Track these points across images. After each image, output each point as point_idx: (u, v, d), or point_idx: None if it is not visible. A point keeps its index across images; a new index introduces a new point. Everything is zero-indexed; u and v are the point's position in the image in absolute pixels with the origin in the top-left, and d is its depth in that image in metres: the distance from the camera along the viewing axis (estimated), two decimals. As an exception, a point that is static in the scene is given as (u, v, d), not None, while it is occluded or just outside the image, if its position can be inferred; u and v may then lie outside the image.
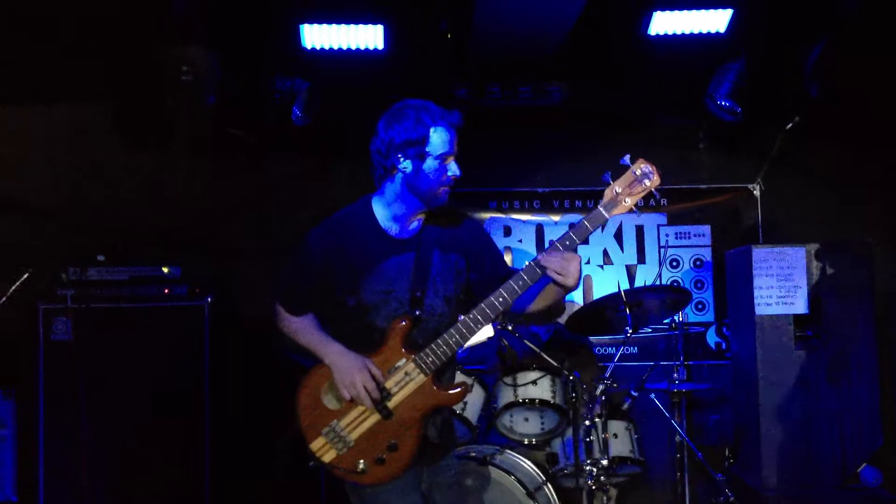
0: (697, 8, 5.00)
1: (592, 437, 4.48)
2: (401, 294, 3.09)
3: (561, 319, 5.38)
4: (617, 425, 4.78)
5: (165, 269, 5.34)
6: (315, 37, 5.12)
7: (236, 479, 5.49)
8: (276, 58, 5.32)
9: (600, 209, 2.98)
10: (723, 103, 5.37)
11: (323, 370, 3.12)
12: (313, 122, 5.48)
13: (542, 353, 4.66)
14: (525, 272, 2.98)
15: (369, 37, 5.13)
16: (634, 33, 5.10)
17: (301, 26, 5.05)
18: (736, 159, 6.23)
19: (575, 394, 4.51)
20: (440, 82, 5.69)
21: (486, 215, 6.14)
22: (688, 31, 5.11)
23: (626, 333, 4.66)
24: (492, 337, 5.25)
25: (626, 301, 4.60)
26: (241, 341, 5.56)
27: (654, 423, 5.38)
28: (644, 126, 6.08)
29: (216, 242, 5.99)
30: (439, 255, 3.15)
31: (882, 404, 5.43)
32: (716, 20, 5.07)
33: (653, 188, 2.98)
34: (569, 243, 2.97)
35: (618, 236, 6.14)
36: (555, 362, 4.63)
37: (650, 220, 6.17)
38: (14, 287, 4.59)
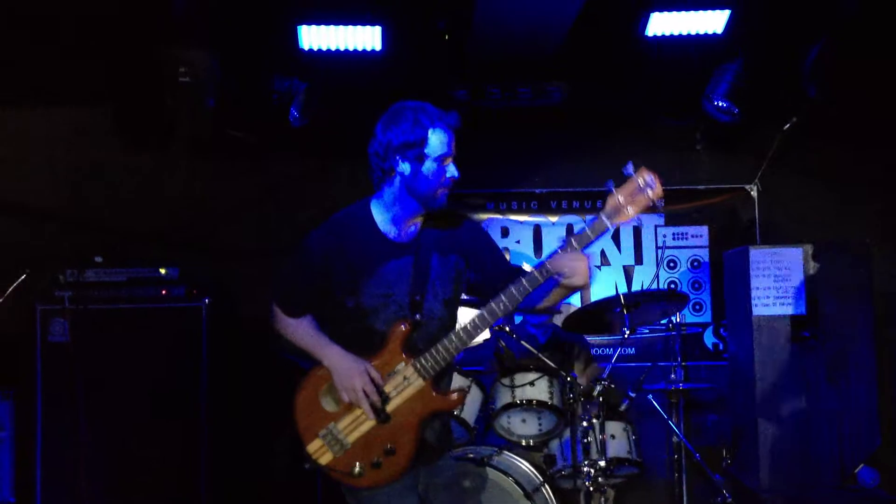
0: (695, 9, 4.99)
1: (590, 438, 4.47)
2: (400, 298, 3.07)
3: (558, 321, 5.38)
4: (615, 426, 4.76)
5: (163, 271, 5.34)
6: (313, 38, 5.11)
7: (234, 480, 5.50)
8: (274, 59, 5.32)
9: (603, 218, 2.94)
10: (720, 104, 5.37)
11: (321, 372, 3.10)
12: (313, 122, 5.47)
13: (539, 354, 4.66)
14: (527, 278, 2.96)
15: (367, 38, 5.12)
16: (632, 34, 5.10)
17: (298, 27, 5.04)
18: (734, 160, 6.23)
19: (572, 395, 4.50)
20: (439, 83, 5.69)
21: (484, 216, 6.14)
22: (685, 32, 5.11)
23: (623, 334, 4.67)
24: (488, 339, 5.25)
25: (624, 304, 4.60)
26: (240, 342, 5.56)
27: (651, 424, 5.38)
28: (642, 127, 6.09)
29: (216, 243, 6.00)
30: (438, 258, 3.14)
31: (880, 405, 5.44)
32: (713, 21, 5.06)
33: (655, 199, 2.97)
34: (570, 250, 2.97)
35: (615, 237, 6.14)
36: (552, 363, 4.63)
37: (648, 221, 6.16)
38: (11, 288, 4.58)
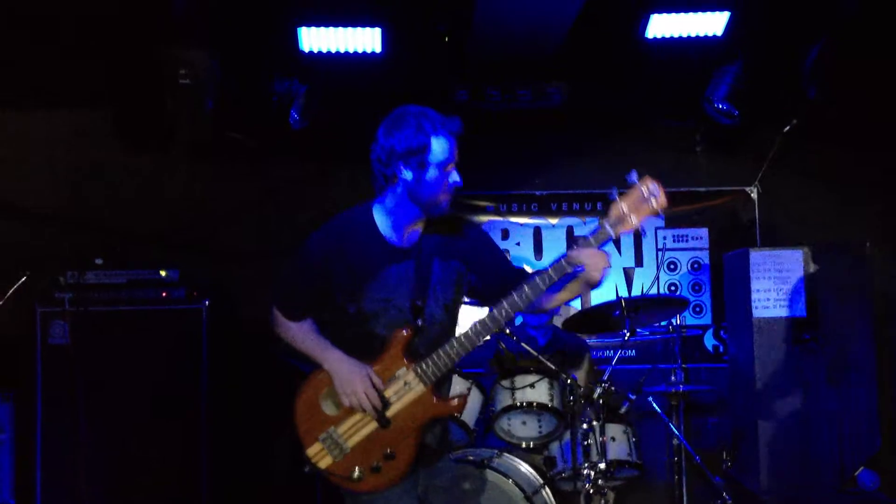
0: (694, 10, 4.99)
1: (590, 441, 4.47)
2: (401, 303, 3.06)
3: (557, 322, 5.37)
4: (615, 428, 4.76)
5: (163, 273, 5.34)
6: (313, 40, 5.11)
7: (234, 482, 5.50)
8: (274, 61, 5.31)
9: (606, 227, 2.96)
10: (720, 106, 5.37)
11: (322, 376, 3.09)
12: (313, 125, 5.47)
13: (539, 356, 4.65)
14: (529, 286, 2.95)
15: (367, 40, 5.12)
16: (632, 36, 5.09)
17: (298, 29, 5.04)
18: (733, 162, 6.23)
19: (573, 397, 4.50)
20: (439, 85, 5.69)
21: (485, 218, 6.13)
22: (685, 34, 5.11)
23: (623, 337, 4.67)
24: (488, 340, 5.24)
25: (624, 308, 4.61)
26: (240, 343, 5.56)
27: (651, 427, 5.39)
28: (642, 129, 6.09)
29: (216, 245, 6.00)
30: (439, 262, 3.13)
31: (880, 406, 5.43)
32: (713, 23, 5.06)
33: (659, 209, 2.97)
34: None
35: (615, 239, 6.11)
36: (552, 365, 4.63)
37: (647, 223, 6.14)
38: (11, 290, 4.58)
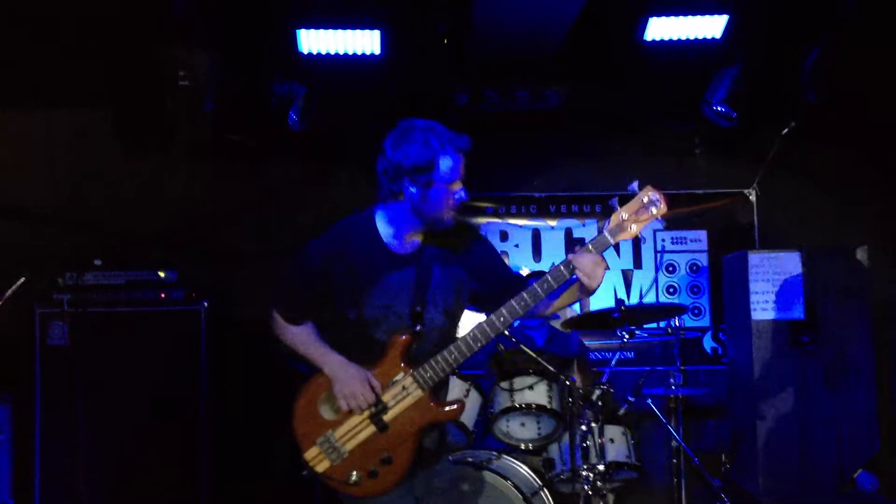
0: (693, 13, 4.98)
1: (589, 443, 4.48)
2: (401, 309, 3.07)
3: (556, 323, 5.38)
4: (613, 430, 4.77)
5: (162, 274, 5.34)
6: (312, 42, 5.10)
7: (233, 483, 5.50)
8: (274, 62, 5.31)
9: (606, 234, 2.99)
10: (719, 109, 5.37)
11: (321, 380, 3.10)
12: (312, 126, 5.46)
13: (538, 357, 4.66)
14: (528, 293, 2.97)
15: (366, 42, 5.10)
16: (631, 38, 5.09)
17: (298, 31, 5.04)
18: (732, 164, 6.23)
19: (571, 399, 4.50)
20: (438, 86, 5.68)
21: (483, 220, 6.13)
22: (684, 37, 5.09)
23: (621, 339, 4.67)
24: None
25: (623, 313, 4.62)
26: (239, 344, 5.56)
27: (650, 429, 5.39)
28: (641, 131, 6.09)
29: (216, 245, 6.00)
30: (440, 269, 3.14)
31: (879, 409, 5.44)
32: (711, 26, 5.05)
33: (659, 216, 3.00)
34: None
35: (614, 246, 6.13)
36: (551, 367, 4.63)
37: (646, 226, 6.14)
38: (10, 291, 4.57)
